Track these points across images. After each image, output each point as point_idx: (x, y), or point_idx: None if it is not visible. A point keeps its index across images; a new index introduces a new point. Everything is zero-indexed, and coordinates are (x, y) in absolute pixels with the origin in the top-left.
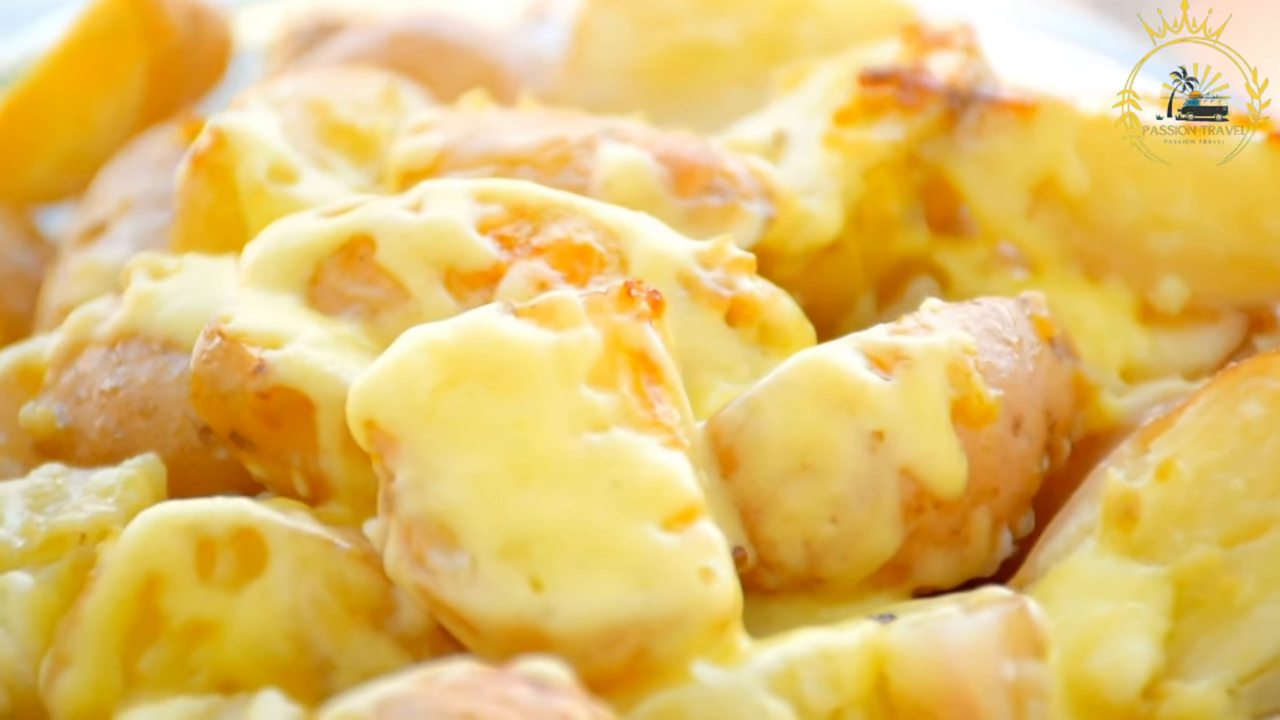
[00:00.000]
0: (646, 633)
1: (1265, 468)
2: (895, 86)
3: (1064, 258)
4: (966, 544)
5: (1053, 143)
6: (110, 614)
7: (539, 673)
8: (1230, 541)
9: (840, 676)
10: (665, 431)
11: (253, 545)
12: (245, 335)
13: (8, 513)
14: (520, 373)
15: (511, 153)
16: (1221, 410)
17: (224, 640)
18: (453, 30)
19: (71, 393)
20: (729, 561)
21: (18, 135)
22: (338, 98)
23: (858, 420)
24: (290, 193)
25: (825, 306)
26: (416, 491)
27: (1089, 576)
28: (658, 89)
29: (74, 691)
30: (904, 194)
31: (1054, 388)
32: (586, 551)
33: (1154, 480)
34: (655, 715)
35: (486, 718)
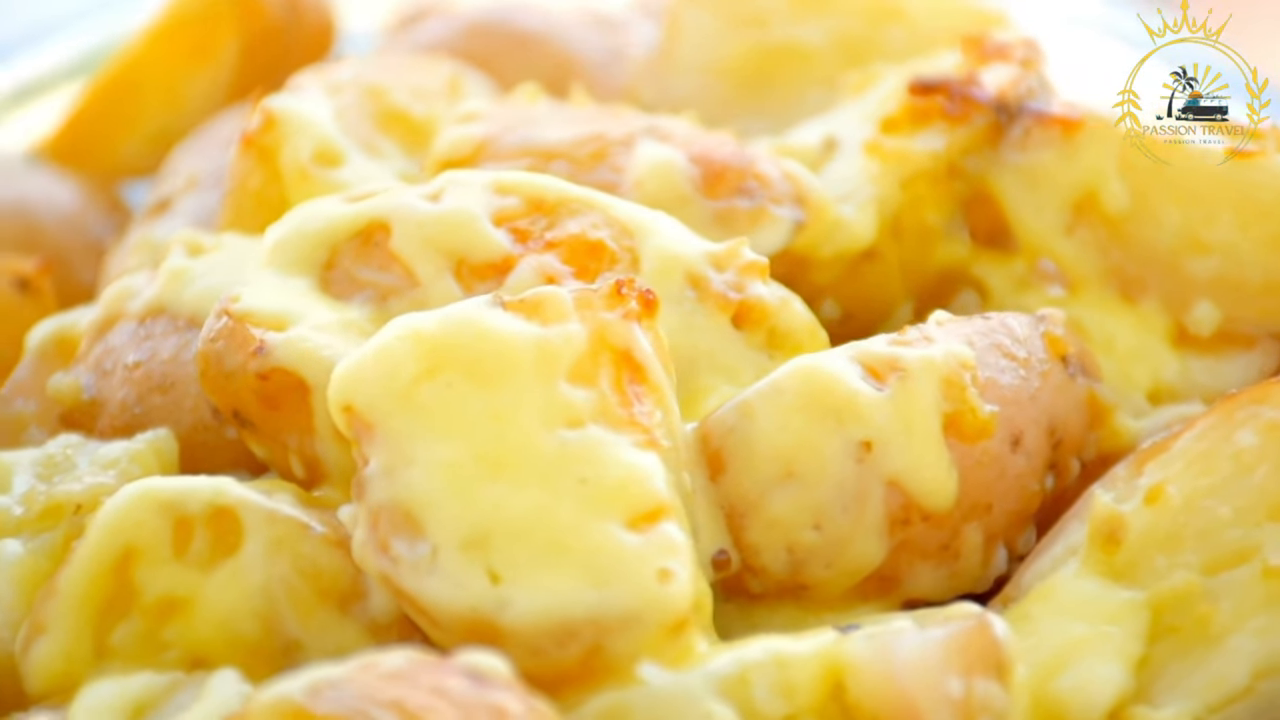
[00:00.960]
0: (600, 630)
1: (1253, 496)
2: (944, 96)
3: (1101, 276)
4: (957, 559)
5: (1095, 160)
6: (85, 586)
7: (476, 664)
8: (1212, 569)
9: (793, 684)
10: (641, 431)
11: (229, 524)
12: (250, 315)
13: (15, 480)
14: (501, 365)
15: (549, 147)
16: (1217, 437)
17: (195, 617)
18: (529, 21)
19: (99, 365)
20: (690, 564)
21: (110, 110)
22: (397, 84)
23: (846, 429)
24: (334, 176)
25: (863, 314)
26: (387, 478)
27: (1068, 597)
28: (741, 89)
29: (46, 660)
30: (944, 205)
31: (1062, 406)
32: (546, 546)
33: (1142, 504)
34: (601, 715)
35: (414, 707)
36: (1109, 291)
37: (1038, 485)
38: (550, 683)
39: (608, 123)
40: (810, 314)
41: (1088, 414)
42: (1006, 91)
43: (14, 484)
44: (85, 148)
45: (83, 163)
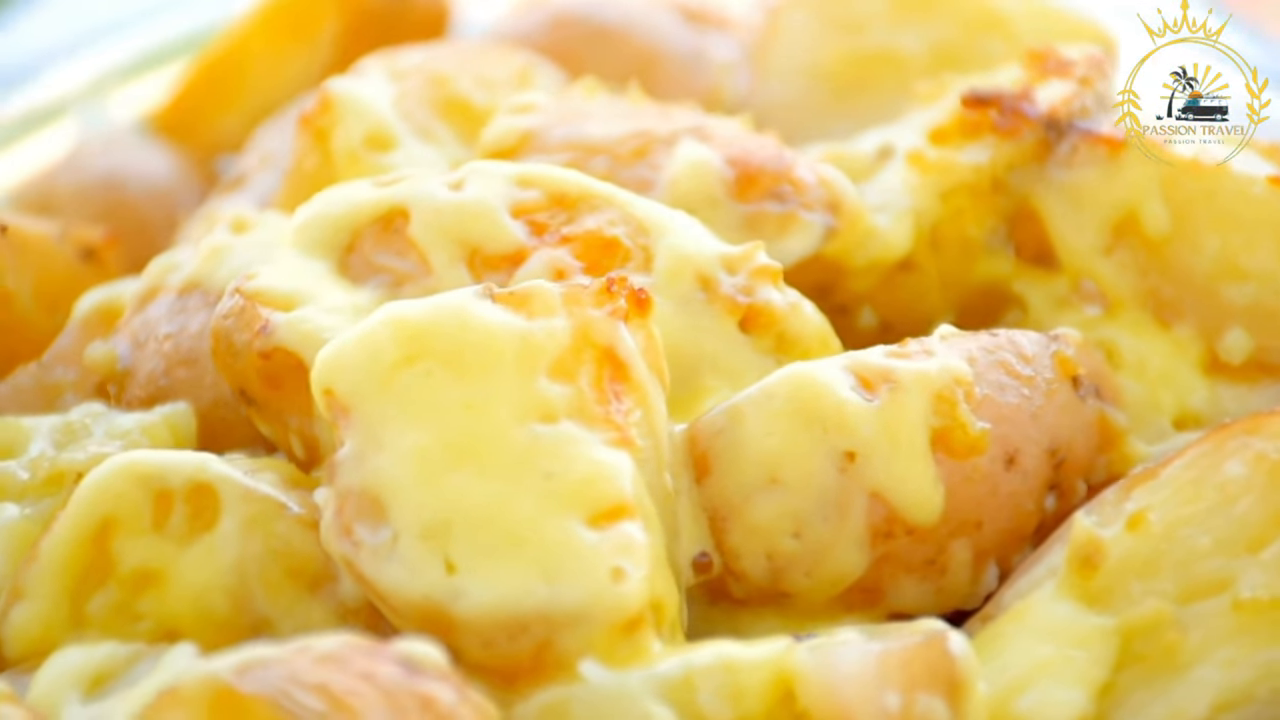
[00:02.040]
0: (550, 625)
1: (1234, 528)
2: (995, 110)
3: (1138, 298)
4: (944, 574)
5: (1138, 181)
6: (64, 554)
7: (410, 653)
8: (1185, 599)
9: (740, 690)
10: (614, 429)
11: (207, 500)
12: (261, 294)
13: (32, 445)
14: (481, 356)
15: (592, 142)
16: (1206, 466)
17: (168, 590)
18: (611, 15)
19: (136, 336)
20: (646, 565)
21: (213, 86)
22: (462, 72)
23: (830, 438)
24: (384, 161)
25: (902, 325)
26: (356, 463)
27: (1041, 619)
28: (835, 93)
29: (24, 626)
30: (986, 219)
31: (1067, 427)
32: (504, 539)
33: (1124, 530)
34: (543, 710)
35: (339, 691)
36: (1145, 314)
37: (1034, 505)
38: (505, 675)
39: (655, 121)
40: (823, 321)
41: (1097, 436)
42: (1058, 108)
43: (29, 449)
44: (188, 122)
45: (185, 137)
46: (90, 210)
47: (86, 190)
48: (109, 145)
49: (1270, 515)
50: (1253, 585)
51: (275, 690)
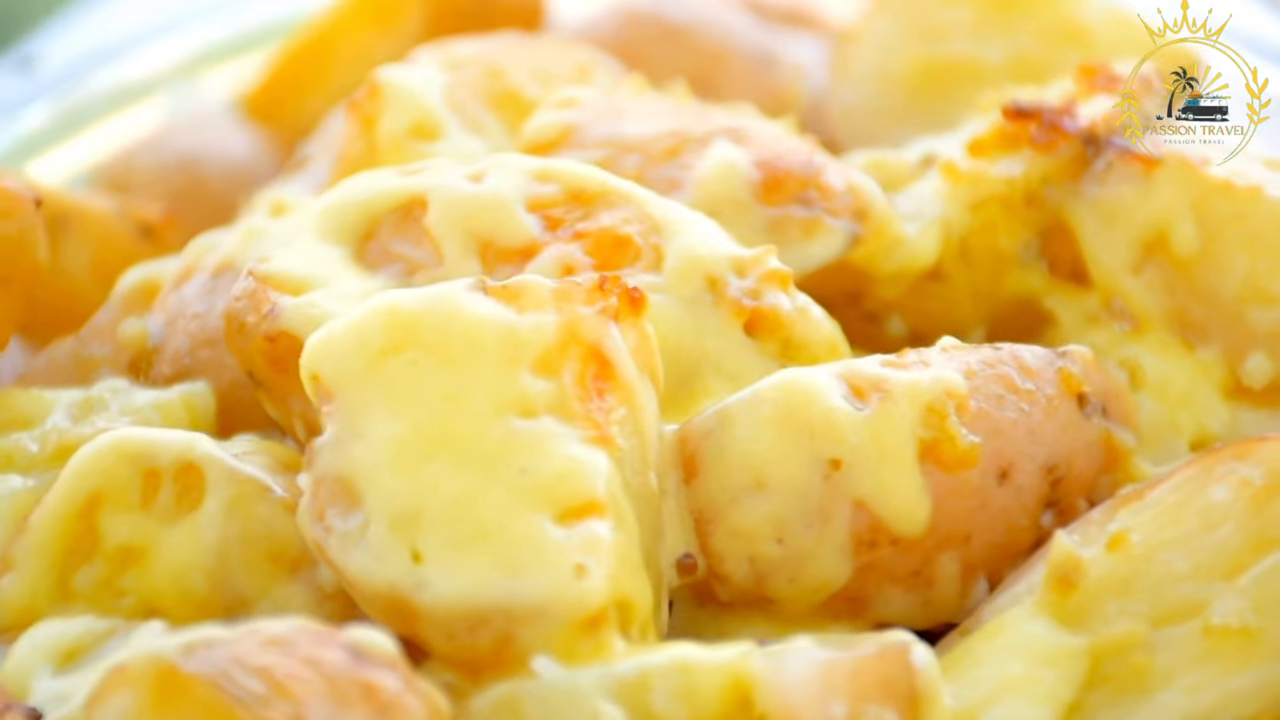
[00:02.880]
0: (510, 620)
1: (1212, 553)
2: (1035, 124)
3: (1165, 318)
4: (931, 586)
5: (1170, 200)
6: (53, 527)
7: (359, 640)
8: (1158, 622)
9: (694, 692)
10: (593, 427)
11: (194, 480)
12: (272, 278)
13: (50, 418)
14: (466, 348)
15: (628, 140)
16: (1191, 489)
17: (151, 568)
18: (680, 13)
19: (169, 314)
20: (609, 563)
21: (299, 71)
22: (518, 65)
23: (816, 445)
24: (429, 150)
25: (933, 335)
26: (335, 449)
27: (1014, 635)
28: (912, 101)
29: (11, 597)
30: (1018, 232)
31: (1067, 444)
32: (471, 532)
33: (1104, 550)
34: (497, 704)
35: (282, 675)
36: (1171, 334)
37: (1028, 521)
38: (469, 667)
39: (692, 120)
40: (834, 328)
41: (1102, 456)
42: (1098, 124)
43: (47, 421)
44: (276, 106)
45: (273, 120)
46: (166, 190)
47: (164, 170)
48: (192, 126)
49: (1249, 542)
50: (1224, 612)
51: (217, 672)
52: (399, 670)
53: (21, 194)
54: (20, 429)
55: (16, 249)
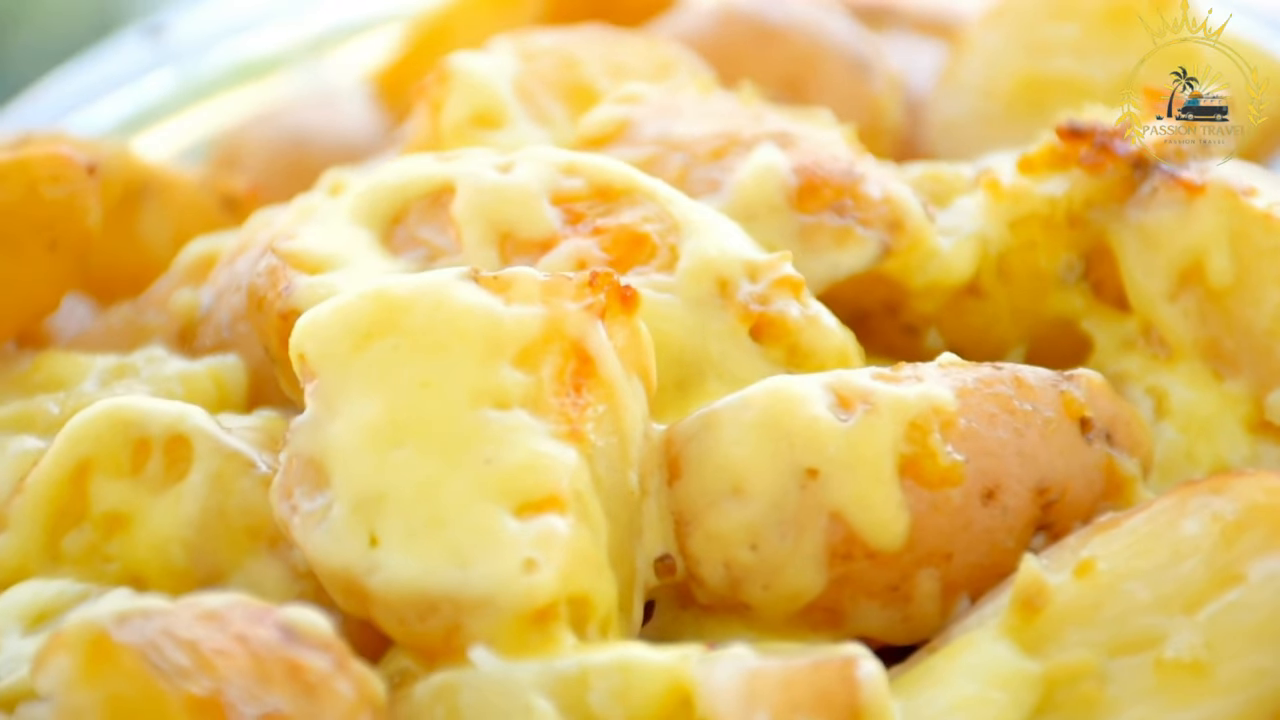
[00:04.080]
0: (458, 609)
1: (1175, 586)
2: (1086, 144)
3: (1197, 347)
4: (909, 603)
5: (1208, 229)
6: (46, 490)
7: (294, 620)
8: (1116, 652)
9: (632, 692)
10: (566, 422)
11: (182, 451)
12: (293, 255)
13: (83, 382)
14: (450, 336)
15: (676, 139)
16: (1164, 521)
17: (135, 536)
18: (776, 16)
19: (220, 287)
20: (561, 559)
21: (421, 53)
22: (594, 58)
23: (795, 453)
24: (489, 137)
25: (973, 351)
26: (310, 429)
27: (975, 656)
28: (1012, 115)
29: (5, 554)
30: (1059, 253)
31: (1063, 468)
32: (429, 518)
33: (1071, 576)
34: (437, 691)
35: (209, 649)
36: (1202, 364)
37: (1015, 542)
38: (424, 653)
39: (744, 123)
40: (845, 338)
41: (1103, 482)
42: (1149, 148)
43: (76, 385)
44: (401, 87)
45: (395, 100)
46: (273, 166)
47: (272, 146)
48: (308, 104)
49: (1213, 577)
50: (1179, 646)
51: (145, 642)
52: (331, 652)
53: (73, 159)
54: (50, 390)
55: (66, 213)
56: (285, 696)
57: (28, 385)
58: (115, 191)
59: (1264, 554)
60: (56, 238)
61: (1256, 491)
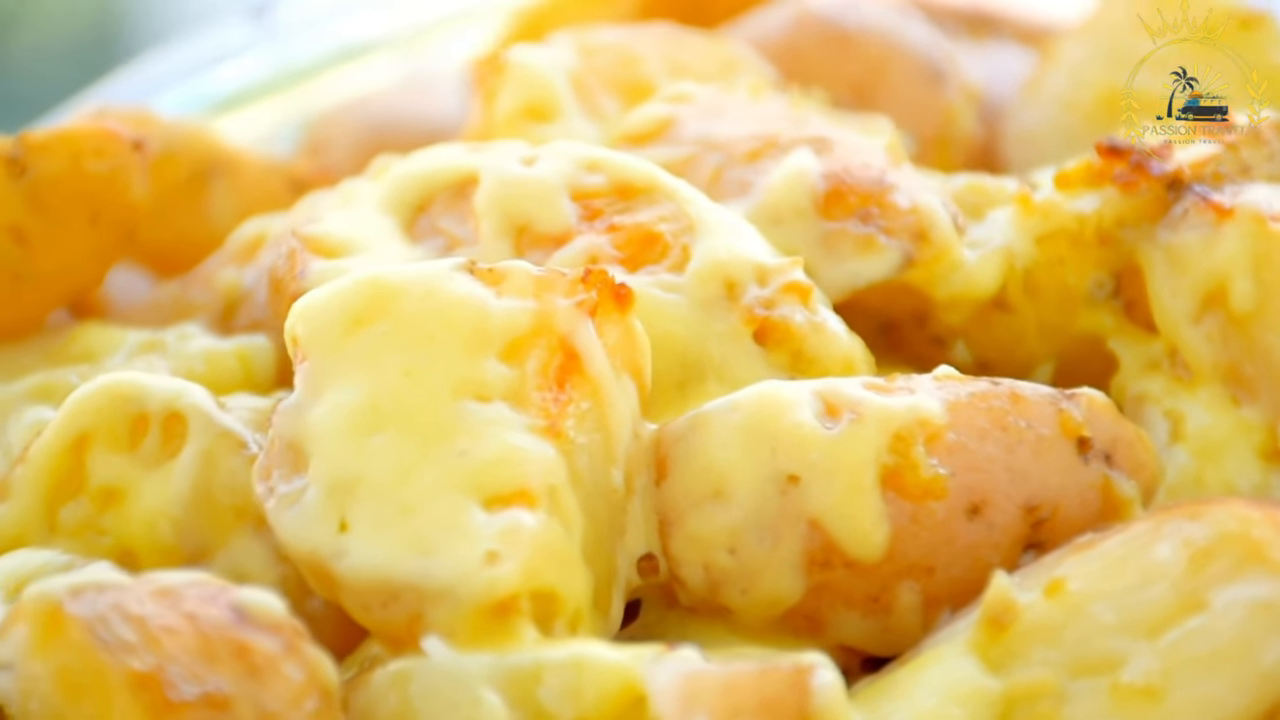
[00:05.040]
0: (420, 598)
1: (1141, 610)
2: (1123, 162)
3: (1217, 372)
4: (889, 614)
5: (1233, 253)
6: (46, 461)
7: (247, 600)
8: (1076, 673)
9: (583, 689)
10: (545, 418)
11: (177, 428)
12: (314, 239)
13: (108, 357)
14: (438, 326)
15: (716, 139)
16: (1139, 545)
17: (127, 511)
18: (853, 22)
19: (260, 268)
20: (525, 553)
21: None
22: (656, 56)
23: (777, 459)
24: (541, 131)
25: (1002, 366)
26: (295, 411)
27: (939, 670)
28: (1089, 130)
29: (5, 523)
30: (1088, 271)
31: (1056, 486)
32: (397, 507)
33: (1041, 595)
34: (392, 678)
35: (156, 626)
36: (1221, 389)
37: (1000, 559)
38: (390, 640)
39: (786, 126)
40: (853, 347)
41: (1100, 502)
42: (1186, 169)
43: (105, 360)
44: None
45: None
46: (362, 152)
47: (361, 131)
48: (400, 90)
49: (1178, 602)
50: (1136, 670)
51: (95, 616)
52: (282, 635)
53: (118, 134)
54: (80, 362)
55: (108, 188)
56: (229, 677)
57: (61, 356)
58: (184, 169)
59: (1229, 582)
60: (98, 211)
61: (1229, 519)
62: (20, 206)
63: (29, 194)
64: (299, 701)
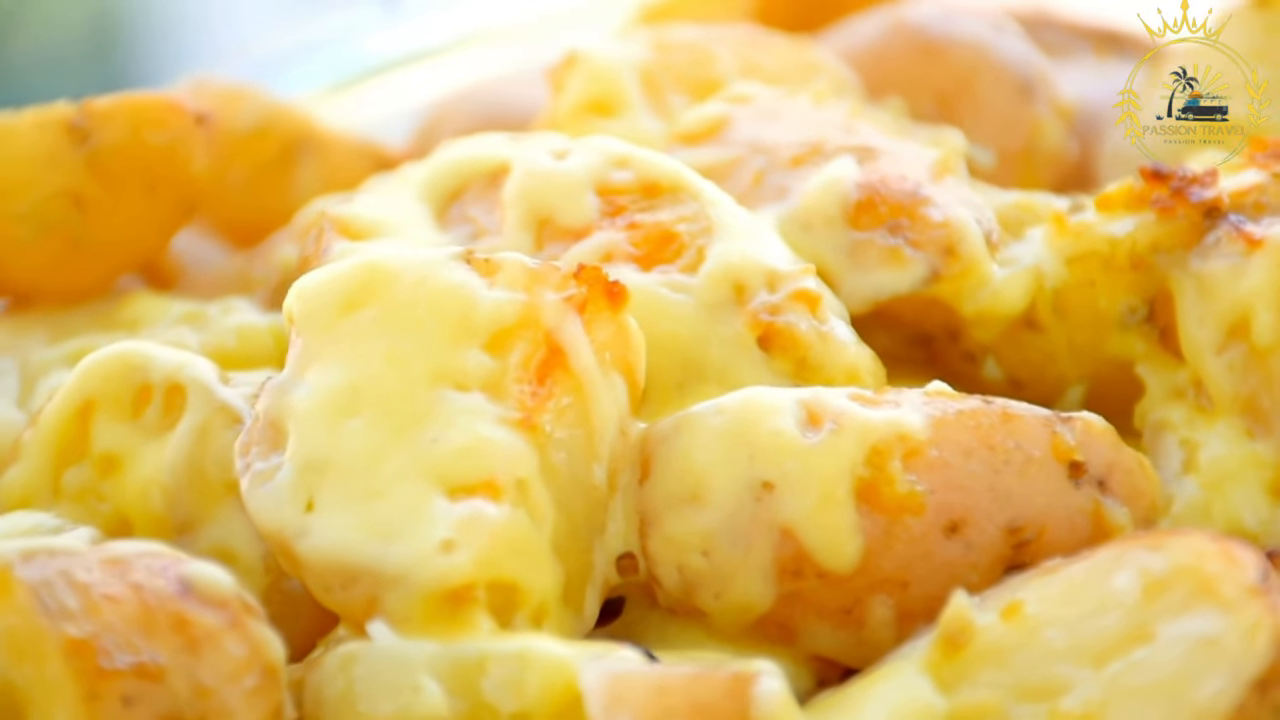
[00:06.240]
0: (377, 582)
1: (1092, 638)
2: (1163, 187)
3: (1235, 404)
4: (862, 627)
5: (1259, 284)
6: (53, 426)
7: (194, 573)
8: (1021, 697)
9: (526, 683)
10: (521, 410)
11: (178, 400)
12: (340, 220)
13: (148, 327)
14: (426, 313)
15: (764, 143)
16: (1101, 572)
17: (124, 479)
18: (942, 33)
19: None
20: (482, 543)
21: None
22: (732, 56)
23: (754, 465)
24: (604, 125)
25: (1034, 386)
26: (279, 389)
27: (891, 686)
28: (1182, 155)
29: (13, 484)
30: (1119, 295)
31: (1042, 509)
32: (363, 491)
33: (998, 617)
34: (340, 660)
35: (99, 594)
36: (1238, 421)
37: (979, 578)
38: (351, 622)
39: (836, 134)
40: (860, 358)
41: (1089, 528)
42: (1225, 197)
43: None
44: None
45: None
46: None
47: (473, 119)
48: (516, 81)
49: (1128, 632)
50: (1076, 698)
51: (41, 580)
52: (227, 610)
53: (181, 106)
54: (124, 329)
55: (167, 159)
56: (166, 649)
57: (109, 322)
58: (273, 147)
59: (1178, 615)
60: (156, 181)
61: (1186, 552)
62: (81, 173)
63: (90, 161)
64: (238, 677)
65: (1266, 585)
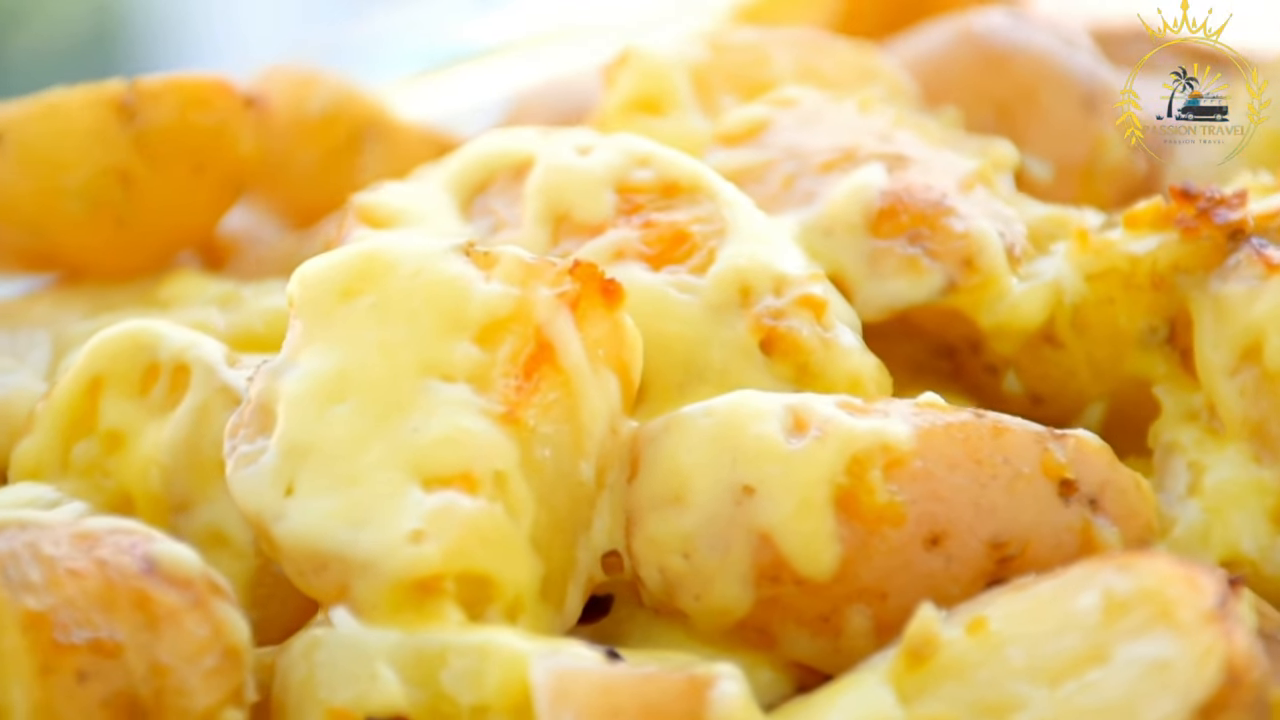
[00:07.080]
0: (346, 569)
1: (1051, 657)
2: (1191, 208)
3: (1247, 428)
4: (839, 636)
5: (1272, 308)
6: (66, 400)
7: (160, 552)
8: (977, 713)
9: (485, 676)
10: (504, 403)
11: (183, 379)
12: (365, 208)
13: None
14: (420, 303)
15: (798, 148)
16: (1069, 589)
17: (128, 456)
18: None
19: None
20: (453, 535)
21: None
22: (789, 58)
23: (737, 469)
24: (651, 123)
25: (1055, 401)
26: (272, 373)
27: (854, 696)
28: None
29: (24, 458)
30: (1139, 314)
31: (1027, 525)
32: (341, 477)
33: (963, 631)
34: (304, 645)
35: (63, 569)
36: (1247, 445)
37: (959, 592)
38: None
39: (871, 141)
40: (864, 366)
41: (1076, 546)
42: (1250, 219)
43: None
44: None
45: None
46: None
47: (551, 113)
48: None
49: (1086, 653)
50: (1029, 717)
51: (7, 552)
52: (192, 590)
53: (230, 87)
54: (159, 308)
55: (213, 139)
56: (126, 626)
57: (148, 300)
58: (340, 132)
59: (1135, 638)
60: (203, 162)
61: (1149, 574)
62: (128, 151)
63: (137, 140)
64: (197, 657)
65: (1223, 611)
